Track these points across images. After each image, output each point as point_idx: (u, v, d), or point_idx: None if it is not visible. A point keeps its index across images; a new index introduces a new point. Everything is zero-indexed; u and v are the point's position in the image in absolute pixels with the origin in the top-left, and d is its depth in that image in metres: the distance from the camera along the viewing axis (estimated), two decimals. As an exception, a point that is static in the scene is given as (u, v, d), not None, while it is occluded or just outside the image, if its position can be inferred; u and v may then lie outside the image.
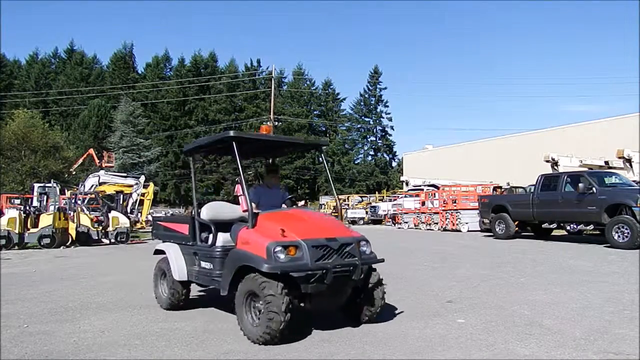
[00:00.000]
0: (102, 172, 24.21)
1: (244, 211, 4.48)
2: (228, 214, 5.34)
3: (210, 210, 5.26)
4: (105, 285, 7.47)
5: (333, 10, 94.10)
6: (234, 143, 4.59)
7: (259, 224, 4.34)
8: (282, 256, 3.97)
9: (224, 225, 4.94)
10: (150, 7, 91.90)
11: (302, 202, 5.96)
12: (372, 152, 64.58)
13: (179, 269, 5.22)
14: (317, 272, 3.99)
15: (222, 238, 4.81)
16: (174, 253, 5.36)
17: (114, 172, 28.79)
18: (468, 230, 18.62)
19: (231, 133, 4.68)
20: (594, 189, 11.60)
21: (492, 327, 4.54)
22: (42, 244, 14.30)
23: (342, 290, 4.34)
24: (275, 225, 4.24)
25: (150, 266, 6.15)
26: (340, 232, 4.43)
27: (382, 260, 4.51)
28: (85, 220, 15.95)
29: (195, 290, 6.04)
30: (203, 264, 4.95)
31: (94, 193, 20.69)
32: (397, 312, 5.13)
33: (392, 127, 64.06)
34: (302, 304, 4.22)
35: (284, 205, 5.25)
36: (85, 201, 20.72)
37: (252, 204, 4.70)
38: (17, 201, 19.77)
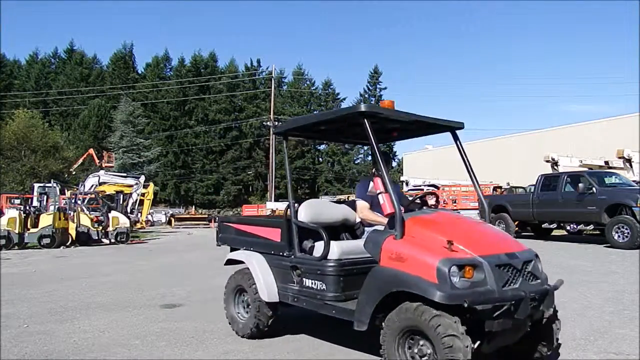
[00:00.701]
0: (102, 172, 24.20)
1: (387, 215, 3.39)
2: (330, 215, 4.30)
3: (311, 210, 4.08)
4: (105, 285, 7.47)
5: (333, 10, 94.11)
6: (365, 121, 3.45)
7: (408, 232, 3.20)
8: (457, 279, 2.85)
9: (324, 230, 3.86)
10: (150, 7, 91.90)
11: (433, 201, 4.31)
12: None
13: (268, 287, 4.09)
14: (505, 304, 2.87)
15: (337, 248, 3.69)
16: (258, 265, 4.21)
17: (114, 172, 28.79)
18: (468, 230, 18.60)
19: (362, 107, 3.50)
20: (594, 189, 11.61)
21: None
22: (42, 244, 14.30)
23: (524, 325, 3.15)
24: (435, 234, 3.15)
25: (151, 266, 6.12)
26: (514, 245, 3.38)
27: (562, 282, 3.52)
28: (85, 220, 15.96)
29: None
30: (308, 282, 3.80)
31: (94, 193, 20.70)
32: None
33: (392, 127, 64.12)
34: (475, 346, 2.90)
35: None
36: (85, 201, 20.71)
37: (366, 203, 3.83)
38: (17, 201, 19.75)
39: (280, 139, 4.62)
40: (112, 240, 16.16)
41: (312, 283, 3.75)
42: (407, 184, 29.72)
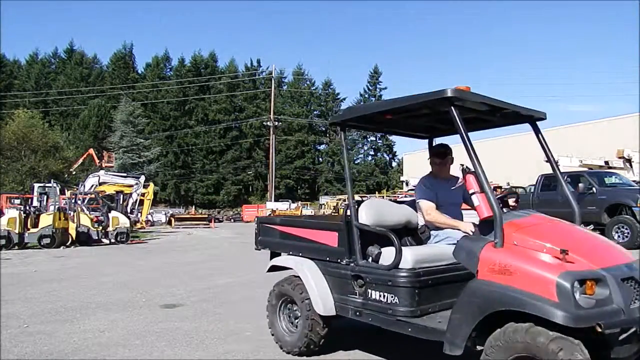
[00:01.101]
0: (102, 172, 24.20)
1: (483, 219, 2.97)
2: (394, 217, 3.81)
3: (373, 211, 3.60)
4: (105, 285, 7.47)
5: (333, 10, 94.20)
6: (453, 108, 2.99)
7: (508, 239, 2.72)
8: (579, 296, 2.40)
9: (382, 234, 3.39)
10: (150, 7, 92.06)
11: (513, 200, 3.80)
12: (372, 152, 64.63)
13: (324, 299, 3.56)
14: (632, 326, 2.44)
15: (410, 256, 3.19)
16: (311, 274, 3.69)
17: (114, 172, 28.79)
18: (468, 230, 18.55)
19: (449, 92, 2.93)
20: (594, 189, 11.62)
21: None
22: (42, 244, 14.29)
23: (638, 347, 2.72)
24: (541, 242, 2.66)
25: (151, 266, 6.10)
26: (625, 253, 2.87)
27: None
28: (85, 220, 15.95)
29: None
30: (374, 294, 3.29)
31: (94, 193, 20.69)
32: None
33: (392, 127, 64.21)
34: None
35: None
36: (85, 201, 20.72)
37: (432, 204, 3.58)
38: (17, 201, 19.74)
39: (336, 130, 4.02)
40: (112, 240, 16.15)
41: (380, 295, 3.24)
42: (407, 184, 29.77)
